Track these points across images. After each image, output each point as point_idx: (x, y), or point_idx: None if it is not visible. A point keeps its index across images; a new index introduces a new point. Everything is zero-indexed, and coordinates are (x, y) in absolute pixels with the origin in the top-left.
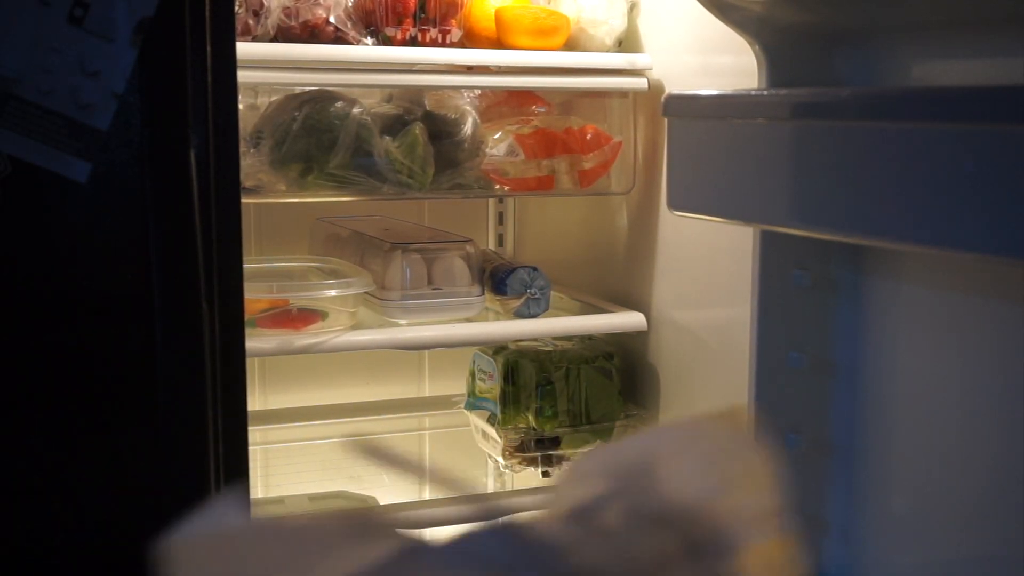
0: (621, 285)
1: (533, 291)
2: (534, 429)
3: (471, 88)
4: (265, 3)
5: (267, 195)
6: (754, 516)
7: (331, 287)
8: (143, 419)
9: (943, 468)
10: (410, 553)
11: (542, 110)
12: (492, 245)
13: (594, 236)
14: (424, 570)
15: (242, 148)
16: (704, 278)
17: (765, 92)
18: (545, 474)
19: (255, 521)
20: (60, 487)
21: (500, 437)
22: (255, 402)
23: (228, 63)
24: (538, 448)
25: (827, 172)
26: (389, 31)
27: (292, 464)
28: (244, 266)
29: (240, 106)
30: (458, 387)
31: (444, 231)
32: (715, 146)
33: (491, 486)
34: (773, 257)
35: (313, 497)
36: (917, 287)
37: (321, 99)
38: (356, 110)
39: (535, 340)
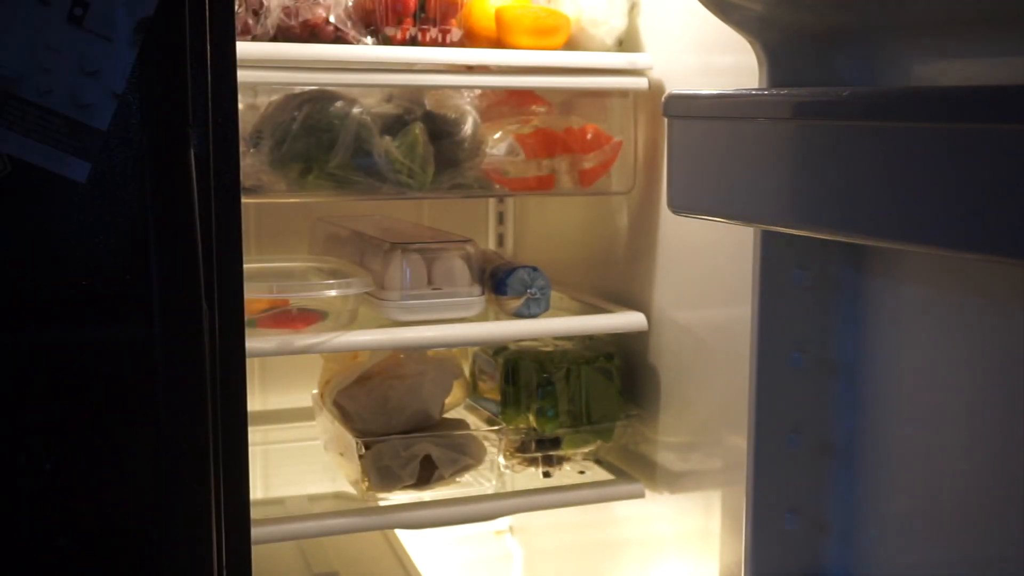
0: (621, 285)
1: (533, 291)
2: (534, 430)
3: (471, 88)
4: (265, 2)
5: (267, 195)
6: None
7: (331, 287)
8: (143, 419)
9: (943, 468)
10: None
11: (542, 110)
12: (492, 245)
13: (594, 236)
14: None
15: (242, 148)
16: (704, 278)
17: (765, 92)
18: (546, 474)
19: None
20: (59, 487)
21: (500, 437)
22: (255, 402)
23: (228, 63)
24: (539, 449)
25: (827, 172)
26: (389, 31)
27: (292, 464)
28: (244, 266)
29: (240, 106)
30: None
31: (444, 231)
32: (715, 146)
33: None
34: (773, 257)
35: (313, 497)
36: (917, 287)
37: (321, 99)
38: (356, 110)
39: (535, 340)
